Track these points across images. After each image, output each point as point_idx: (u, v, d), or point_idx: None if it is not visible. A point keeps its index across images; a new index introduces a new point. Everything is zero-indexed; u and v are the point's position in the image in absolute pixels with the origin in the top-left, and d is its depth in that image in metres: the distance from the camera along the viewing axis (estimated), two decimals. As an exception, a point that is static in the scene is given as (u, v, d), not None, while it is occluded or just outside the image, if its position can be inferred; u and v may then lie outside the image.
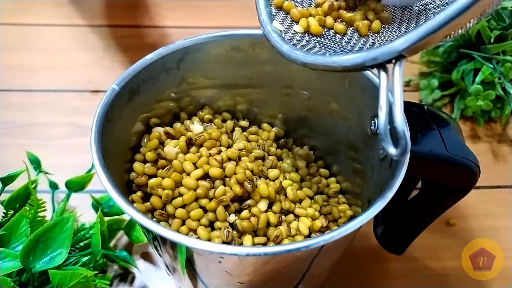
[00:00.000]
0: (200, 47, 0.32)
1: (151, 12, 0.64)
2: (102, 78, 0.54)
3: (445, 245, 0.41)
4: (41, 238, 0.30)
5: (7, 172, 0.35)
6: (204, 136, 0.31)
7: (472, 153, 0.27)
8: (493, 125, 0.51)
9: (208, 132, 0.31)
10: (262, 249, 0.22)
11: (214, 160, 0.30)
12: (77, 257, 0.35)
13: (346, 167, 0.34)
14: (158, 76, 0.31)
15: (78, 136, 0.48)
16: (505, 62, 0.46)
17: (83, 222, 0.39)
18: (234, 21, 0.60)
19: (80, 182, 0.38)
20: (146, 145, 0.31)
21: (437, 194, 0.30)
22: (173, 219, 0.29)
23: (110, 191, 0.24)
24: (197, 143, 0.31)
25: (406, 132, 0.24)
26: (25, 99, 0.52)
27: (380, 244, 0.37)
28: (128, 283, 0.38)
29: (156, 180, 0.30)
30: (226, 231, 0.28)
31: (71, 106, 0.51)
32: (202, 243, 0.22)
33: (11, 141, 0.47)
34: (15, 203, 0.34)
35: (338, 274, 0.37)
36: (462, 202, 0.29)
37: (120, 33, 0.60)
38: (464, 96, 0.50)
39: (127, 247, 0.40)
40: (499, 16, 0.47)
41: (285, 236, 0.29)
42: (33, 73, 0.55)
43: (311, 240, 0.22)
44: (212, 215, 0.29)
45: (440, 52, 0.53)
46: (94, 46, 0.59)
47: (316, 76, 0.32)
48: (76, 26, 0.61)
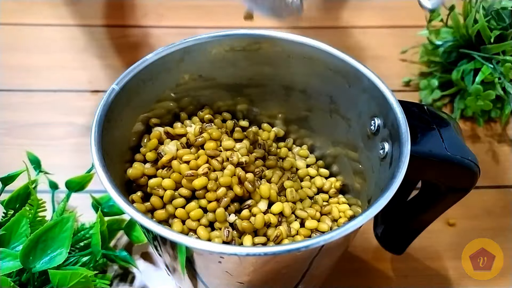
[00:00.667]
0: (200, 47, 0.32)
1: (151, 12, 0.64)
2: (102, 78, 0.54)
3: (445, 245, 0.41)
4: (41, 238, 0.30)
5: (7, 172, 0.35)
6: (204, 137, 0.31)
7: (472, 153, 0.27)
8: (493, 125, 0.51)
9: (209, 132, 0.31)
10: (262, 249, 0.22)
11: (215, 161, 0.30)
12: (77, 257, 0.35)
13: (346, 167, 0.34)
14: (158, 76, 0.31)
15: (78, 136, 0.48)
16: (505, 62, 0.46)
17: (83, 222, 0.39)
18: (234, 21, 0.60)
19: (80, 182, 0.38)
20: (146, 145, 0.31)
21: (437, 194, 0.30)
22: (173, 219, 0.29)
23: (110, 191, 0.24)
24: (197, 143, 0.31)
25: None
26: (25, 99, 0.52)
27: (380, 244, 0.37)
28: (128, 283, 0.38)
29: (156, 180, 0.30)
30: (226, 231, 0.28)
31: (71, 106, 0.51)
32: (202, 243, 0.22)
33: (11, 141, 0.47)
34: (15, 203, 0.34)
35: (338, 274, 0.37)
36: (462, 202, 0.29)
37: (120, 33, 0.60)
38: (464, 96, 0.50)
39: (127, 247, 0.40)
40: (499, 16, 0.47)
41: (285, 236, 0.29)
42: (33, 73, 0.55)
43: (311, 240, 0.22)
44: (212, 215, 0.29)
45: (440, 52, 0.53)
46: (94, 46, 0.59)
47: (316, 76, 0.32)
48: (76, 26, 0.61)
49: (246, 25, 0.32)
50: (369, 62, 0.31)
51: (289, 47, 0.32)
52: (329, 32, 0.63)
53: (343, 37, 0.62)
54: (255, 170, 0.31)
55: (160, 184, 0.29)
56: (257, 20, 0.29)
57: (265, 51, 0.32)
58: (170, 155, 0.30)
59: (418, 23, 0.58)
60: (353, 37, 0.62)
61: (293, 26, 0.61)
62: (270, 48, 0.32)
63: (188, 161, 0.29)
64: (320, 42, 0.31)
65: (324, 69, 0.31)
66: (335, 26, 0.63)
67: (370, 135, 0.30)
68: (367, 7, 0.66)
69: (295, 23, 0.57)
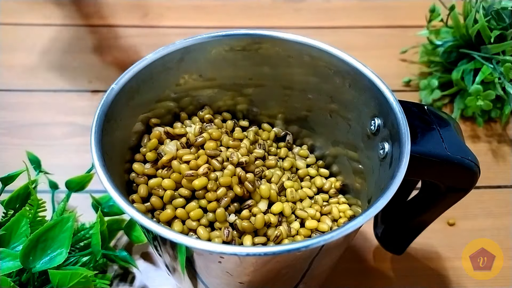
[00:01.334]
0: (200, 47, 0.32)
1: (151, 12, 0.64)
2: (102, 78, 0.54)
3: (445, 245, 0.41)
4: (41, 238, 0.30)
5: (7, 172, 0.35)
6: (204, 137, 0.31)
7: (472, 153, 0.27)
8: (493, 125, 0.51)
9: (209, 132, 0.31)
10: (262, 249, 0.22)
11: (215, 161, 0.30)
12: (77, 257, 0.35)
13: (346, 167, 0.34)
14: (158, 76, 0.31)
15: (78, 136, 0.48)
16: (505, 62, 0.46)
17: (83, 222, 0.39)
18: (234, 21, 0.61)
19: (80, 182, 0.38)
20: (146, 145, 0.31)
21: (437, 194, 0.30)
22: (173, 219, 0.29)
23: (110, 191, 0.24)
24: (197, 143, 0.31)
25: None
26: (25, 99, 0.52)
27: (380, 244, 0.37)
28: (128, 283, 0.38)
29: (156, 180, 0.30)
30: (226, 231, 0.28)
31: (71, 106, 0.51)
32: (202, 243, 0.22)
33: (11, 141, 0.47)
34: (15, 203, 0.34)
35: (338, 274, 0.37)
36: (462, 202, 0.29)
37: (120, 33, 0.60)
38: (464, 96, 0.50)
39: (127, 247, 0.40)
40: (499, 16, 0.47)
41: (285, 236, 0.29)
42: (33, 73, 0.55)
43: (311, 240, 0.22)
44: (212, 215, 0.29)
45: (440, 52, 0.53)
46: (94, 46, 0.59)
47: (316, 76, 0.32)
48: (76, 26, 0.61)
49: (246, 25, 0.32)
50: (369, 62, 0.31)
51: (289, 47, 0.32)
52: (329, 32, 0.63)
53: (343, 37, 0.62)
54: (255, 170, 0.31)
55: (160, 184, 0.29)
56: (257, 20, 0.29)
57: (265, 51, 0.32)
58: (170, 155, 0.30)
59: (418, 23, 0.58)
60: (353, 37, 0.62)
61: (293, 26, 0.61)
62: (270, 48, 0.32)
63: (188, 161, 0.29)
64: (320, 42, 0.31)
65: (324, 69, 0.31)
66: (335, 26, 0.63)
67: (370, 135, 0.30)
68: (367, 7, 0.66)
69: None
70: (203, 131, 0.32)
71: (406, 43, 0.58)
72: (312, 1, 0.67)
